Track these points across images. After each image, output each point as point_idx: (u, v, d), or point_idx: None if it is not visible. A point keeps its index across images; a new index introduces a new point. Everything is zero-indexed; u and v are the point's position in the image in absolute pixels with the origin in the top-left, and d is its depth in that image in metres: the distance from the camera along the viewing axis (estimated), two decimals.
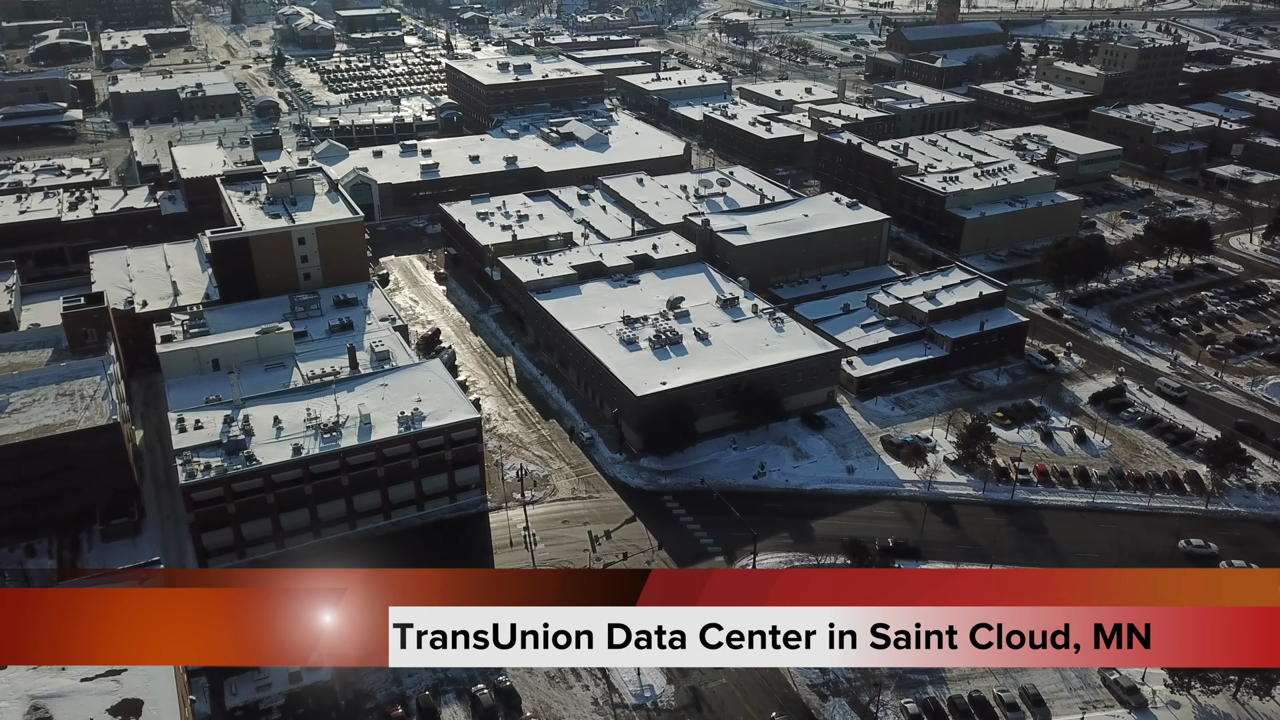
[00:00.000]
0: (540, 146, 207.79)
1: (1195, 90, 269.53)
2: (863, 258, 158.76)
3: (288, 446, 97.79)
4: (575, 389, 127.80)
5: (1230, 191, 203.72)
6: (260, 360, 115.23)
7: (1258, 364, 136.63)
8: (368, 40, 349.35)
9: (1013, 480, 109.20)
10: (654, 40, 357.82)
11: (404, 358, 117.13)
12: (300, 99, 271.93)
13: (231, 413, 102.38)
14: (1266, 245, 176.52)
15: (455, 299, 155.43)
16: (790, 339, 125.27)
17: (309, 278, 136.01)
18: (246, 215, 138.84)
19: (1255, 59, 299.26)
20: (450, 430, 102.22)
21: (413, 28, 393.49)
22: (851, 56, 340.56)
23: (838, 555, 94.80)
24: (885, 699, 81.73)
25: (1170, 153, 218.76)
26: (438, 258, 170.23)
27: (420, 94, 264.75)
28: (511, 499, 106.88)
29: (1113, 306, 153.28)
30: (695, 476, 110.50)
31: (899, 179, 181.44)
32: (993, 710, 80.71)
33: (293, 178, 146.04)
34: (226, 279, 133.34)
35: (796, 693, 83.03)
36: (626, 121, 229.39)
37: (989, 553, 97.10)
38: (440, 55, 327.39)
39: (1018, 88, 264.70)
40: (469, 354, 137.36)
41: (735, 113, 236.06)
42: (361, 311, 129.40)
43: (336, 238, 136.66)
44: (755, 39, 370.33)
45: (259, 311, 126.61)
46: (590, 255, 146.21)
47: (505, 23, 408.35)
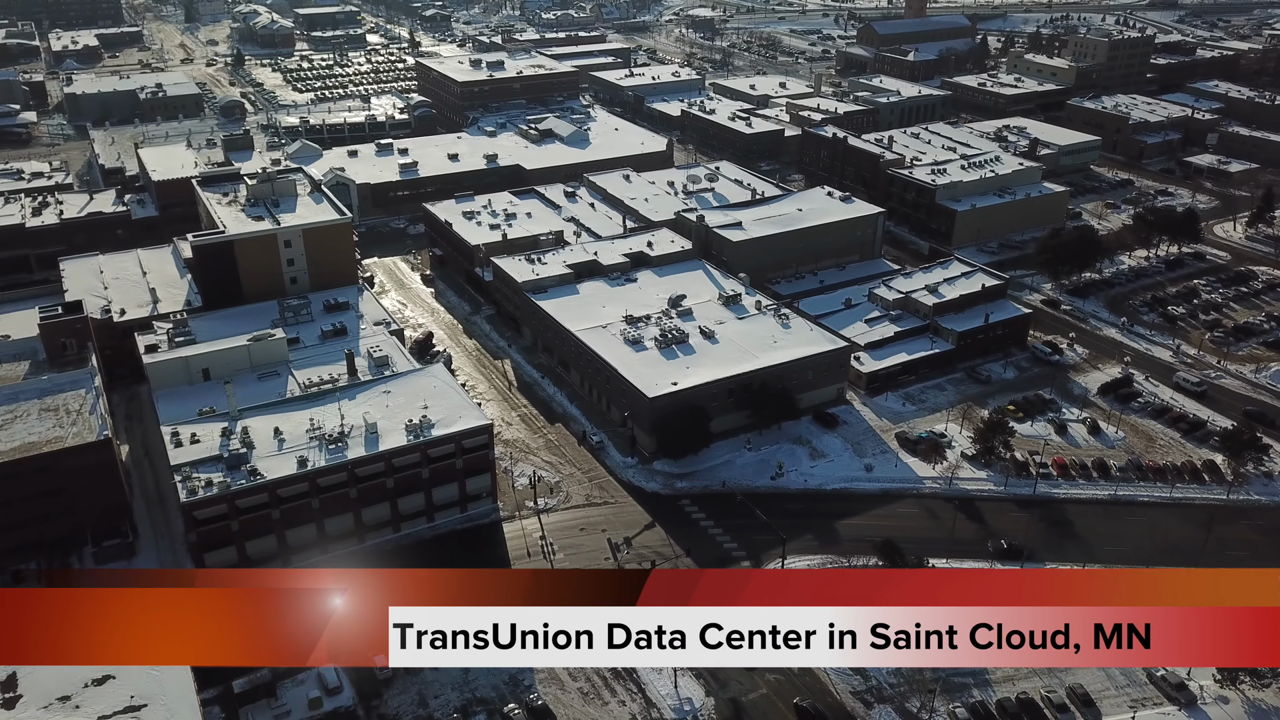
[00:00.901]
0: (520, 144, 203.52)
1: (1162, 81, 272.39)
2: (858, 252, 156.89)
3: (291, 459, 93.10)
4: (579, 392, 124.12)
5: (1208, 180, 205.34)
6: (253, 369, 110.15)
7: (1258, 351, 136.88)
8: (329, 39, 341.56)
9: (1033, 474, 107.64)
10: (620, 36, 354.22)
11: (403, 363, 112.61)
12: (264, 99, 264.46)
13: (229, 425, 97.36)
14: (1250, 233, 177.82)
15: (445, 301, 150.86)
16: (798, 335, 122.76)
17: (295, 282, 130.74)
18: (227, 218, 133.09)
19: (1218, 50, 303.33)
20: (461, 438, 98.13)
21: (374, 25, 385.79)
22: (820, 51, 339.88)
23: (869, 557, 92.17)
24: (937, 703, 79.33)
25: (1147, 143, 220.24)
26: (422, 259, 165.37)
27: (390, 92, 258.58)
28: (524, 507, 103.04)
29: (1108, 296, 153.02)
30: (712, 479, 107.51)
31: (887, 172, 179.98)
32: (1042, 712, 78.75)
33: (274, 178, 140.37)
34: (209, 284, 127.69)
35: (840, 700, 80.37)
36: (605, 118, 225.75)
37: (1023, 550, 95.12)
38: (405, 53, 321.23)
39: (991, 80, 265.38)
40: (465, 357, 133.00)
41: (713, 108, 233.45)
42: (354, 316, 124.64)
43: (324, 240, 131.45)
44: (723, 34, 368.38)
45: (246, 318, 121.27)
46: (585, 254, 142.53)
47: (468, 20, 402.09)
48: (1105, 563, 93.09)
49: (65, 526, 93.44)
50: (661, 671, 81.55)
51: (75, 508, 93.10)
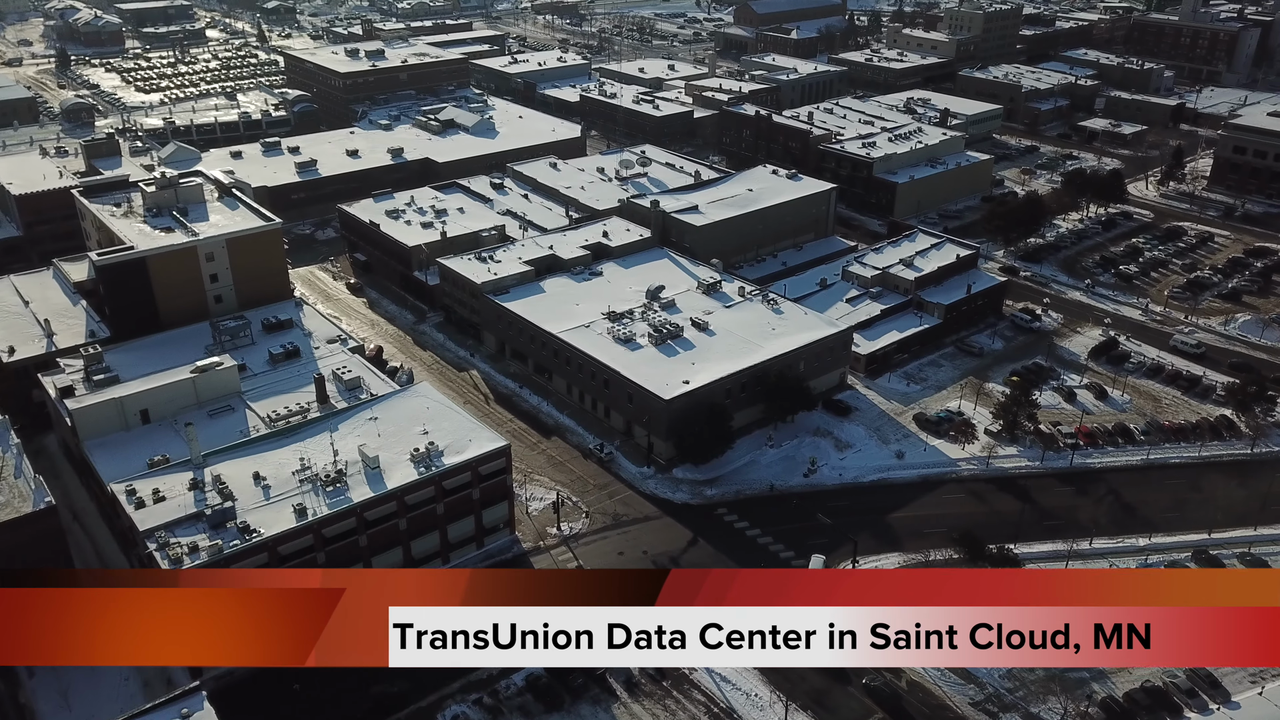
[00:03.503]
0: (422, 136, 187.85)
1: (1030, 52, 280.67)
2: (813, 230, 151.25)
3: (286, 508, 78.27)
4: (567, 399, 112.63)
5: (1103, 143, 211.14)
6: (200, 405, 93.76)
7: (1215, 304, 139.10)
8: (165, 35, 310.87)
9: (1062, 446, 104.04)
10: (484, 24, 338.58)
11: (379, 384, 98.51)
12: (107, 101, 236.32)
13: (195, 474, 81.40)
14: (1163, 190, 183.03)
15: (382, 311, 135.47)
16: (793, 321, 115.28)
17: (221, 300, 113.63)
18: (129, 232, 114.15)
19: (1074, 20, 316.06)
20: (478, 464, 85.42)
21: (211, 20, 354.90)
22: (691, 34, 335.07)
23: (947, 552, 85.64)
24: (1059, 704, 73.38)
25: (1041, 110, 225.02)
26: (342, 266, 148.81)
27: (257, 88, 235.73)
28: (546, 535, 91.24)
29: (1059, 259, 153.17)
30: (742, 482, 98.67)
31: (819, 148, 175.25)
32: (1172, 699, 73.99)
33: (176, 183, 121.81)
34: (119, 311, 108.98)
35: (962, 714, 73.21)
36: (505, 106, 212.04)
37: (1089, 527, 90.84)
38: (256, 47, 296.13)
39: (875, 56, 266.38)
40: (425, 372, 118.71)
41: (615, 91, 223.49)
42: (301, 334, 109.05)
43: (251, 250, 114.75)
44: (590, 20, 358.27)
45: (172, 346, 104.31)
46: (540, 249, 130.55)
47: (314, 12, 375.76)
48: (1181, 533, 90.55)
49: None
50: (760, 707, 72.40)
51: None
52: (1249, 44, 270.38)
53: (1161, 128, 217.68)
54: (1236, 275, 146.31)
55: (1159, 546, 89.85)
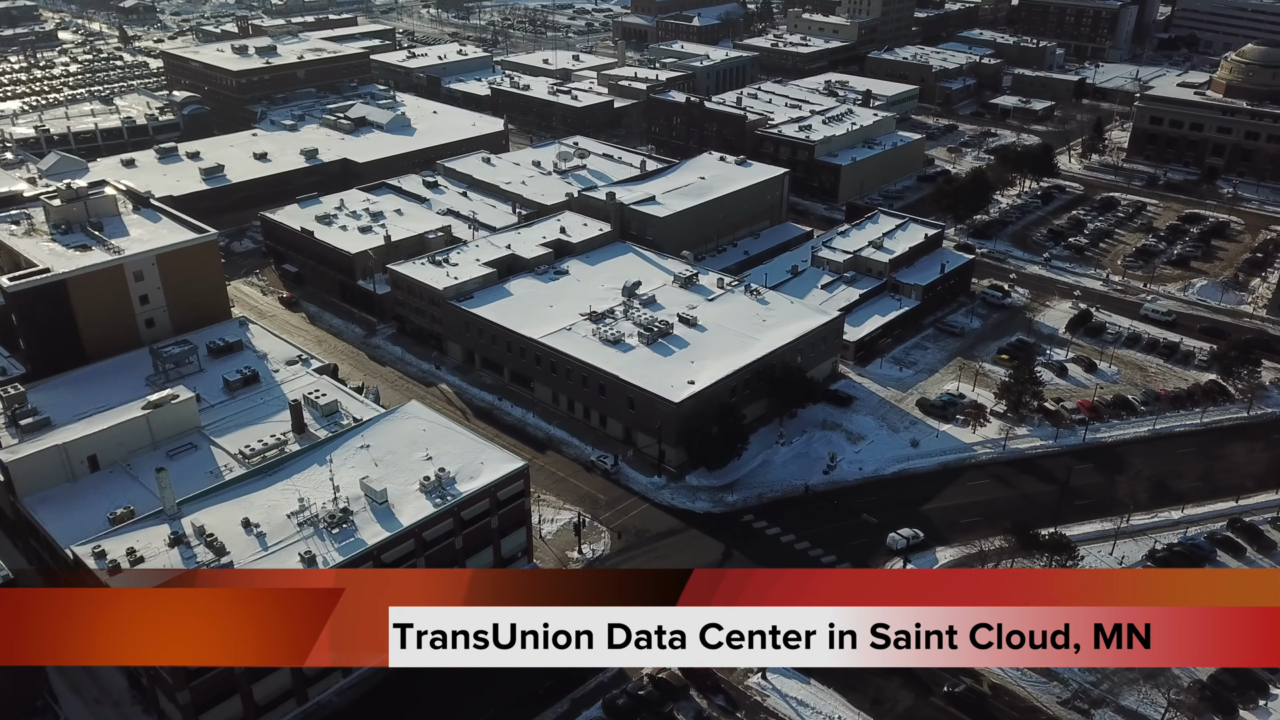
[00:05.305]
0: (334, 136, 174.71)
1: (926, 33, 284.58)
2: (768, 216, 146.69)
3: (292, 556, 68.12)
4: (553, 409, 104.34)
5: (1015, 119, 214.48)
6: (157, 445, 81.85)
7: (1166, 270, 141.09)
8: (14, 38, 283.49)
9: (1070, 423, 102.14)
10: (365, 18, 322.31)
11: (359, 407, 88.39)
12: None
13: (172, 526, 70.15)
14: (1086, 163, 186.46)
15: (325, 325, 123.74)
16: (781, 310, 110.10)
17: (153, 324, 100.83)
18: (37, 252, 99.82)
19: (960, 2, 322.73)
20: (496, 489, 76.74)
21: (60, 20, 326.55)
22: (584, 25, 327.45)
23: (992, 541, 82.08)
24: (1145, 694, 70.26)
25: (952, 89, 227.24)
26: (270, 279, 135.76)
27: (135, 90, 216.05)
28: (568, 559, 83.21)
29: (1009, 234, 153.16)
30: (762, 485, 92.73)
31: (755, 133, 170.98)
32: (1259, 678, 71.87)
33: (85, 196, 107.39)
34: (36, 342, 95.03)
35: (1053, 714, 69.23)
36: (415, 102, 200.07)
37: (1125, 504, 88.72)
38: (120, 49, 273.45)
39: (779, 40, 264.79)
40: (389, 389, 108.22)
41: (528, 84, 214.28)
42: (255, 357, 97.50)
43: (184, 266, 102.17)
44: (478, 13, 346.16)
45: (105, 380, 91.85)
46: (497, 249, 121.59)
47: (175, 10, 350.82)
48: (1210, 502, 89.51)
49: None
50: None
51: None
52: (1129, 21, 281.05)
53: (1066, 103, 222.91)
54: (1179, 241, 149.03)
55: (1193, 518, 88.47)
